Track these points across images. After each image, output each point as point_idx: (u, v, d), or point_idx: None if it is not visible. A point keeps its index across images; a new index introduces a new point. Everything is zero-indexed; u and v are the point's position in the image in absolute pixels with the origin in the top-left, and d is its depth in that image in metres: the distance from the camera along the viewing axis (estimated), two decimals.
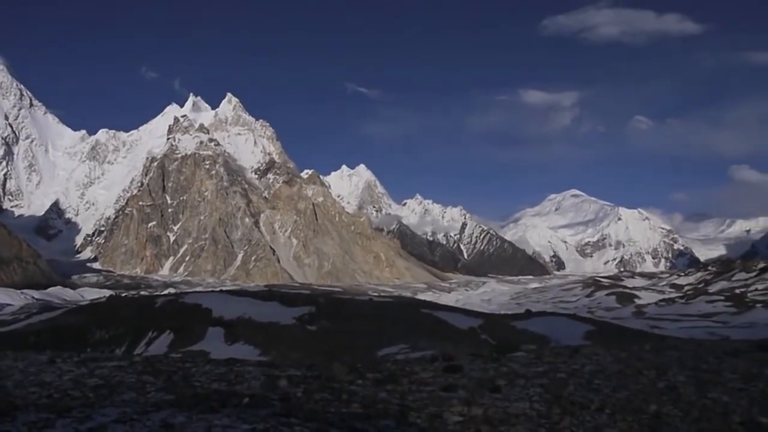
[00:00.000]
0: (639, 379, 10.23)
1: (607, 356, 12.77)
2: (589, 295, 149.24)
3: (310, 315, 44.35)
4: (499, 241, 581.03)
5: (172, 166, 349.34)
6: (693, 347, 14.90)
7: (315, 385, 9.18)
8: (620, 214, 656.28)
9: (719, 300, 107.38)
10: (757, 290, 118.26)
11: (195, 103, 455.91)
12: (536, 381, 9.80)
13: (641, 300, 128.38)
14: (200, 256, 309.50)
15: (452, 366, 10.92)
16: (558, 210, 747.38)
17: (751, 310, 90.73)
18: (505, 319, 51.52)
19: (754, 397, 9.14)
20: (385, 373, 10.22)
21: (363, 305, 56.58)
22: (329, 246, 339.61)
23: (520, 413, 7.73)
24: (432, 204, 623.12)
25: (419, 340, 35.90)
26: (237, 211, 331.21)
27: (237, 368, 10.85)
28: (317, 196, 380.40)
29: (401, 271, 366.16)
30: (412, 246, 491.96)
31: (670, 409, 8.29)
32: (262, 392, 8.54)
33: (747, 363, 11.99)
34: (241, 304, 48.40)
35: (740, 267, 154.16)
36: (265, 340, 37.97)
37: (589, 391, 9.20)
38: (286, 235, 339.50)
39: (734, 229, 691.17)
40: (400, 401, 8.22)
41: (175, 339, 41.51)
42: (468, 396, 8.59)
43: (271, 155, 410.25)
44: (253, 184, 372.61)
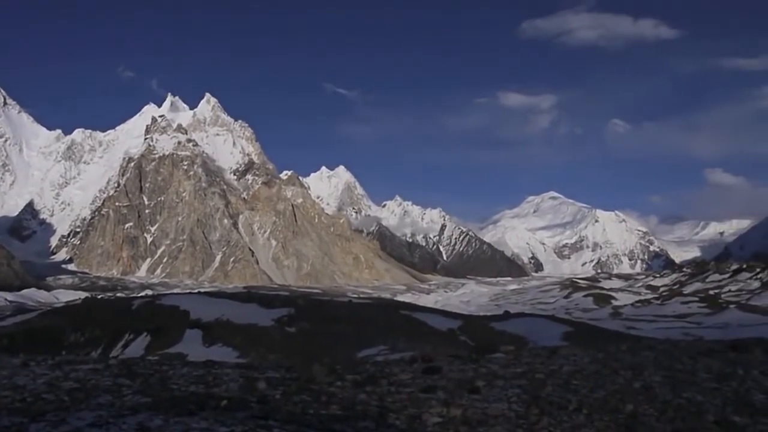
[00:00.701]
0: (616, 379, 10.34)
1: (584, 357, 12.89)
2: (566, 296, 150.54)
3: (289, 317, 44.17)
4: (478, 242, 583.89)
5: (149, 167, 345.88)
6: (668, 348, 15.10)
7: (294, 387, 9.14)
8: (597, 216, 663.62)
9: (694, 301, 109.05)
10: (731, 291, 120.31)
11: (173, 103, 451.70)
12: (515, 382, 9.86)
13: (618, 301, 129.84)
14: (178, 258, 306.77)
15: (431, 367, 10.94)
16: (536, 212, 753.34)
17: (725, 311, 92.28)
18: (484, 321, 51.78)
19: (728, 397, 9.29)
20: (364, 375, 10.21)
21: (342, 307, 56.51)
22: (308, 247, 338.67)
23: (499, 414, 7.77)
24: (411, 205, 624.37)
25: (398, 341, 35.96)
26: (215, 212, 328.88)
27: (215, 370, 10.77)
28: (296, 198, 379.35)
29: (380, 273, 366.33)
30: (392, 247, 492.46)
31: (645, 408, 8.39)
32: (241, 395, 8.48)
33: (720, 363, 12.19)
34: (220, 306, 48.04)
35: (714, 269, 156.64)
36: (243, 342, 37.74)
37: (566, 391, 9.28)
38: (265, 237, 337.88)
39: (708, 232, 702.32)
40: (379, 403, 8.21)
41: (152, 341, 41.08)
42: (447, 397, 8.62)
43: (250, 156, 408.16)
44: (231, 185, 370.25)
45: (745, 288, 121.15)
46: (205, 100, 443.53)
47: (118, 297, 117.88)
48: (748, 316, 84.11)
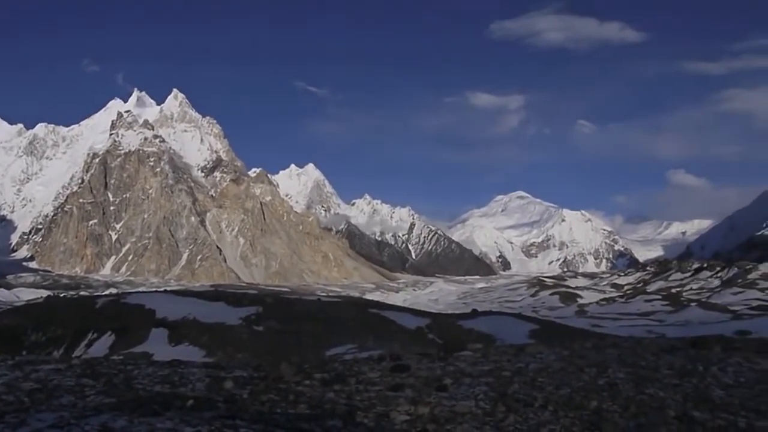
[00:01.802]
0: (581, 376, 10.50)
1: (550, 354, 13.05)
2: (533, 294, 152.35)
3: (257, 315, 43.83)
4: (447, 241, 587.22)
5: (114, 163, 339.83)
6: (632, 345, 15.38)
7: (261, 386, 9.08)
8: (564, 215, 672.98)
9: (656, 299, 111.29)
10: (692, 290, 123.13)
11: (139, 98, 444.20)
12: (482, 379, 9.94)
13: (583, 299, 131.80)
14: (144, 256, 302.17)
15: (400, 365, 10.97)
16: (504, 211, 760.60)
17: (686, 309, 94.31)
18: (452, 319, 52.05)
19: (688, 393, 9.51)
20: (332, 374, 10.20)
21: (311, 305, 56.25)
22: (277, 245, 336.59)
23: (466, 411, 7.82)
24: (381, 204, 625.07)
25: (367, 340, 35.96)
26: (182, 210, 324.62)
27: (181, 370, 10.64)
28: (265, 195, 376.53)
29: (349, 271, 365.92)
30: (361, 246, 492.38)
31: (609, 404, 8.54)
32: (207, 394, 8.39)
33: (682, 360, 12.46)
34: (186, 305, 47.43)
35: (676, 267, 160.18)
36: (210, 341, 37.34)
37: (533, 388, 9.39)
38: (233, 235, 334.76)
39: (671, 231, 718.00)
40: (347, 401, 8.21)
41: (116, 341, 40.36)
42: (415, 395, 8.65)
43: (218, 153, 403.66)
44: (199, 182, 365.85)
45: (705, 286, 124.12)
46: (172, 95, 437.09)
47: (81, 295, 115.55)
48: (708, 313, 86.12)
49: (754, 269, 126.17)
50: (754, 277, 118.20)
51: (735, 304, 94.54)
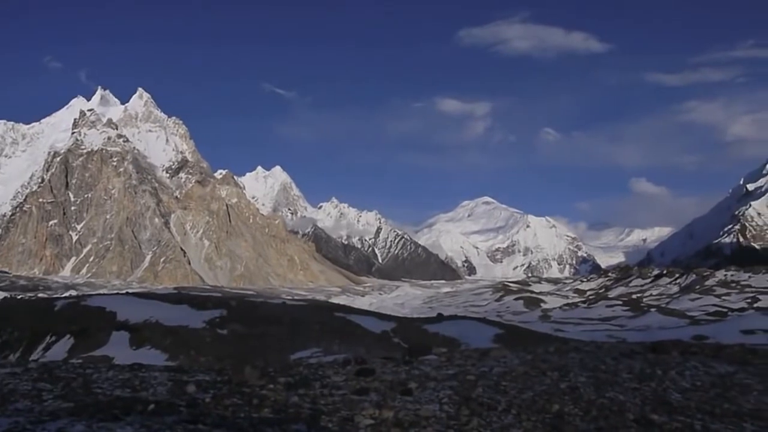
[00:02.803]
0: (543, 380, 10.63)
1: (514, 358, 13.18)
2: (498, 299, 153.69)
3: (221, 318, 43.36)
4: (413, 245, 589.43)
5: (76, 162, 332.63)
6: (593, 349, 15.61)
7: (225, 390, 8.98)
8: (529, 221, 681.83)
9: (618, 305, 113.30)
10: (652, 295, 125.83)
11: (103, 96, 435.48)
12: (446, 383, 9.99)
13: (547, 304, 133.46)
14: (105, 257, 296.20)
15: (364, 369, 10.96)
16: (471, 216, 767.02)
17: (646, 314, 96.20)
18: (418, 323, 52.21)
19: (647, 396, 9.71)
20: (297, 377, 10.14)
21: (276, 308, 55.89)
22: (242, 248, 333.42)
23: (431, 415, 7.86)
24: (348, 208, 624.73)
25: (332, 343, 35.88)
26: (146, 211, 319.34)
27: (142, 374, 10.46)
28: (231, 197, 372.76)
29: (315, 275, 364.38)
30: (327, 249, 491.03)
31: (571, 408, 8.66)
32: (169, 398, 8.26)
33: (641, 364, 12.71)
34: (149, 307, 46.66)
35: (637, 273, 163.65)
36: (173, 344, 36.80)
37: (496, 392, 9.47)
38: (198, 237, 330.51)
39: (632, 238, 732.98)
40: (311, 405, 8.17)
41: (75, 344, 39.49)
42: (380, 399, 8.66)
43: (184, 154, 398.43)
44: (163, 183, 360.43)
45: (665, 292, 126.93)
46: (137, 95, 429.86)
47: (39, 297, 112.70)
48: (667, 319, 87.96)
49: (711, 276, 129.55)
50: (710, 284, 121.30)
51: (693, 310, 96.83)
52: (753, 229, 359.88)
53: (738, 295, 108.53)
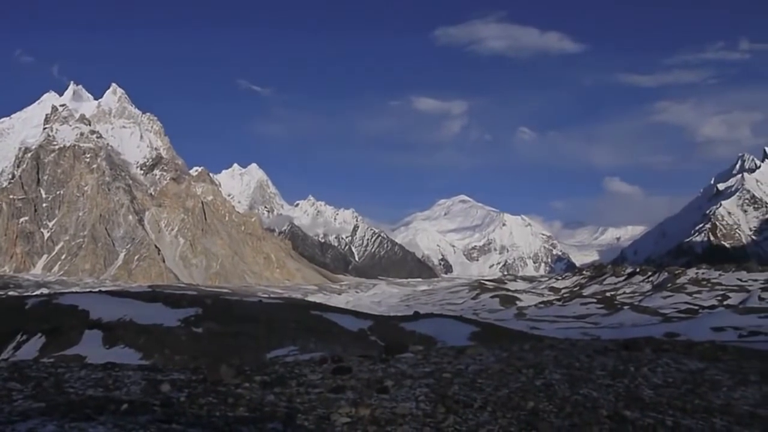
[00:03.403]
0: (518, 377, 10.72)
1: (489, 356, 13.27)
2: (474, 297, 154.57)
3: (196, 316, 43.00)
4: (390, 243, 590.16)
5: (48, 158, 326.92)
6: (568, 346, 15.79)
7: (200, 389, 8.90)
8: (505, 220, 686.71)
9: (592, 302, 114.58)
10: (625, 293, 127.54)
11: (76, 91, 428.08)
12: (423, 381, 10.03)
13: (522, 302, 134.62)
14: (78, 255, 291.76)
15: (341, 367, 10.95)
16: (447, 215, 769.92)
17: (620, 312, 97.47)
18: (394, 321, 52.31)
19: (620, 393, 9.85)
20: (273, 376, 10.09)
21: (252, 307, 55.60)
22: (218, 246, 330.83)
23: (407, 413, 7.88)
24: (324, 206, 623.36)
25: (309, 341, 35.79)
26: (120, 208, 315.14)
27: (115, 373, 10.33)
28: (206, 195, 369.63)
29: (292, 273, 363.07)
30: (304, 247, 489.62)
31: (545, 405, 8.75)
32: (143, 398, 8.17)
33: (614, 361, 12.89)
34: (122, 306, 46.11)
35: (611, 272, 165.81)
36: (147, 343, 36.40)
37: (472, 390, 9.53)
38: (173, 234, 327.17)
39: (606, 237, 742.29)
40: (287, 404, 8.14)
41: (47, 343, 38.85)
42: (356, 397, 8.66)
43: (159, 151, 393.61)
44: (138, 180, 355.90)
45: (638, 290, 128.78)
46: (110, 90, 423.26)
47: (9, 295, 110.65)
48: (640, 316, 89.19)
49: (682, 274, 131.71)
50: (682, 282, 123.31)
51: (665, 308, 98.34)
52: (723, 228, 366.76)
53: (709, 292, 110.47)
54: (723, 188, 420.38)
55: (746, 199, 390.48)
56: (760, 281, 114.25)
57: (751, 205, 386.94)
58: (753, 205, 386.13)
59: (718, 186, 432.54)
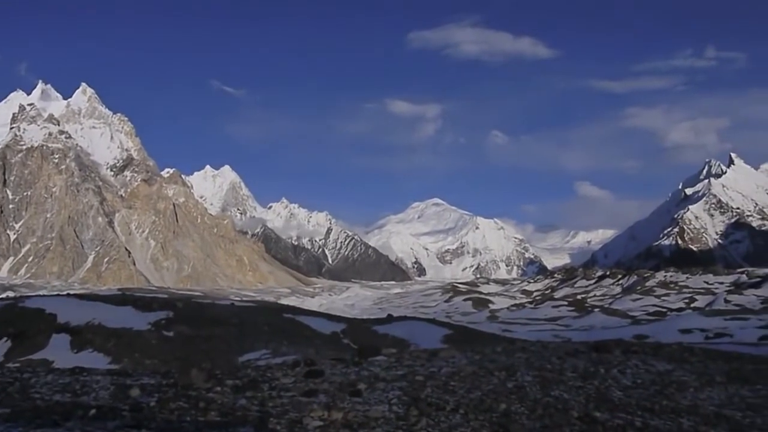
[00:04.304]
0: (491, 379, 10.79)
1: (462, 359, 13.34)
2: (447, 300, 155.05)
3: (167, 320, 42.42)
4: (364, 246, 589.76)
5: (15, 158, 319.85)
6: (539, 349, 15.94)
7: (170, 393, 8.79)
8: (478, 223, 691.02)
9: (563, 305, 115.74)
10: (596, 296, 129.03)
11: (44, 91, 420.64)
12: (395, 384, 10.03)
13: (495, 305, 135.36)
14: (45, 257, 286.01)
15: (314, 371, 10.91)
16: (421, 218, 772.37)
17: (590, 314, 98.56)
18: (368, 324, 52.23)
19: (590, 394, 9.97)
20: (245, 380, 10.02)
21: (224, 310, 55.02)
22: (190, 248, 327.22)
23: (380, 416, 7.87)
24: (298, 208, 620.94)
25: (281, 345, 35.55)
26: (89, 210, 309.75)
27: (83, 378, 10.15)
28: (178, 197, 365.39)
29: (265, 276, 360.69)
30: (277, 250, 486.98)
31: (517, 407, 8.82)
32: (112, 403, 8.04)
33: (585, 363, 13.04)
34: (91, 309, 45.27)
35: (582, 275, 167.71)
36: (116, 347, 35.81)
37: (445, 392, 9.56)
38: (144, 236, 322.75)
39: (577, 240, 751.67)
40: (259, 408, 8.09)
41: (12, 347, 37.97)
42: (329, 400, 8.63)
43: (129, 152, 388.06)
44: (108, 181, 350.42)
45: (608, 293, 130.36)
46: (80, 90, 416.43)
47: None
48: (610, 319, 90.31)
49: (651, 277, 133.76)
50: (651, 285, 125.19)
51: (634, 310, 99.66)
52: (691, 232, 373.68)
53: (676, 295, 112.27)
54: (690, 193, 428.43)
55: (713, 203, 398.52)
56: (726, 284, 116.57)
57: (718, 209, 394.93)
58: (719, 210, 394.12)
59: (685, 191, 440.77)
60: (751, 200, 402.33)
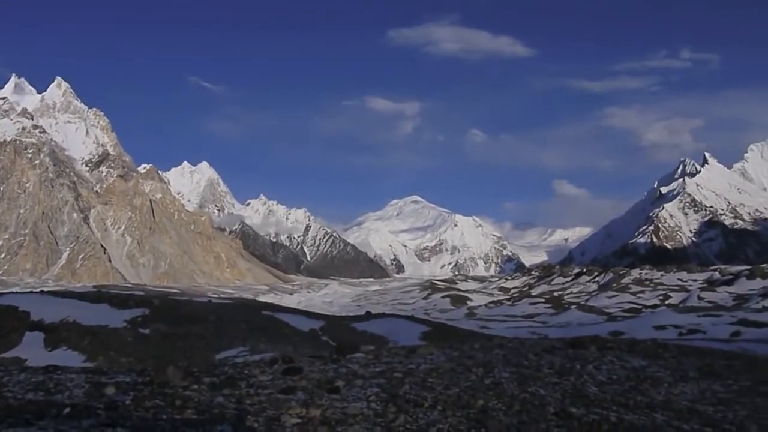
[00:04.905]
0: (468, 376, 10.84)
1: (440, 355, 13.39)
2: (426, 297, 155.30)
3: (144, 317, 41.99)
4: (342, 243, 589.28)
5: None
6: (517, 345, 16.05)
7: (146, 391, 8.70)
8: (456, 220, 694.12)
9: (540, 302, 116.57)
10: (572, 293, 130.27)
11: (18, 84, 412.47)
12: (374, 381, 10.04)
13: (473, 302, 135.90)
14: (18, 254, 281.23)
15: (292, 368, 10.88)
16: (399, 215, 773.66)
17: (567, 311, 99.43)
18: (346, 321, 52.19)
19: (566, 390, 10.07)
20: (222, 377, 9.95)
21: (201, 307, 54.63)
22: (167, 245, 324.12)
23: (358, 413, 7.87)
24: (276, 205, 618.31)
25: (259, 342, 35.41)
26: (64, 206, 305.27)
27: (57, 376, 10.01)
28: (155, 193, 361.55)
29: (243, 273, 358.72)
30: (255, 247, 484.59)
31: (495, 403, 8.88)
32: (86, 401, 7.93)
33: (561, 359, 13.17)
34: (65, 306, 44.65)
35: (558, 272, 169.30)
36: (91, 344, 35.37)
37: (423, 389, 9.59)
38: (120, 233, 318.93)
39: (555, 238, 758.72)
40: (237, 405, 8.04)
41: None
42: (307, 398, 8.61)
43: (105, 147, 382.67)
44: (83, 176, 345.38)
45: (584, 290, 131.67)
46: (55, 84, 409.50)
47: None
48: (586, 315, 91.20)
49: (626, 274, 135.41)
50: (626, 282, 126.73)
51: (610, 307, 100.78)
52: (665, 230, 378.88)
53: (651, 292, 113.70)
54: (665, 192, 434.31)
55: (687, 202, 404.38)
56: (700, 281, 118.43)
57: (692, 208, 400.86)
58: (693, 209, 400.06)
59: (661, 189, 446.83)
60: (724, 199, 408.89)
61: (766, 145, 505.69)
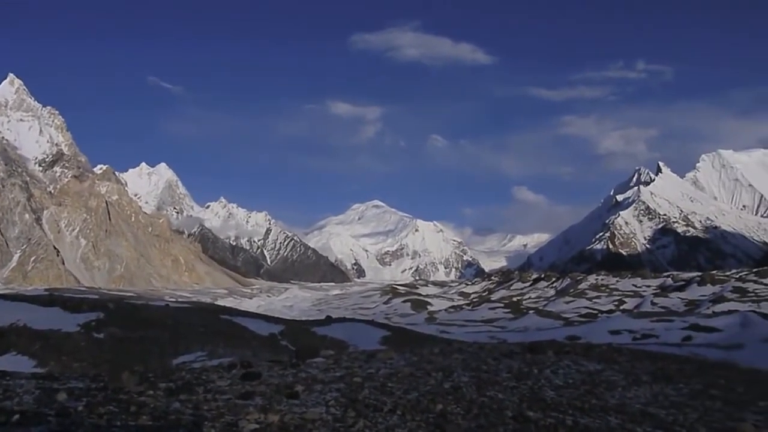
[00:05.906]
0: (428, 380, 10.90)
1: (400, 360, 13.42)
2: (386, 302, 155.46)
3: (98, 321, 41.00)
4: (303, 247, 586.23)
5: None
6: (476, 350, 16.19)
7: (100, 397, 8.50)
8: (418, 225, 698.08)
9: (500, 307, 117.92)
10: (530, 298, 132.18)
11: None
12: (333, 385, 10.01)
13: (433, 307, 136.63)
14: None
15: (250, 373, 10.77)
16: (361, 219, 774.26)
17: (525, 316, 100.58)
18: (306, 325, 51.88)
19: (524, 394, 10.21)
20: (179, 383, 9.78)
21: (158, 311, 53.62)
22: (123, 248, 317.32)
23: (317, 418, 7.84)
24: (236, 208, 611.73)
25: (218, 347, 34.93)
26: (15, 206, 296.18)
27: (6, 381, 9.70)
28: (111, 194, 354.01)
29: (201, 276, 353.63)
30: (214, 250, 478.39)
31: (453, 407, 8.94)
32: (36, 408, 7.71)
33: (519, 363, 13.34)
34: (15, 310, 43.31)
35: (517, 277, 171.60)
36: (42, 349, 34.37)
37: (382, 393, 9.60)
38: (74, 235, 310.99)
39: (514, 243, 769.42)
40: (194, 411, 7.92)
41: None
42: (265, 403, 8.54)
43: (60, 146, 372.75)
44: (36, 176, 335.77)
45: (542, 295, 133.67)
46: (7, 80, 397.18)
47: None
48: (544, 320, 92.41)
49: (583, 280, 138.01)
50: (583, 287, 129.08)
51: (567, 312, 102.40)
52: (621, 237, 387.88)
53: (607, 298, 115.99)
54: (621, 199, 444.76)
55: (642, 210, 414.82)
56: (653, 287, 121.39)
57: (646, 215, 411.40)
58: (647, 216, 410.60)
59: (616, 197, 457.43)
60: (677, 207, 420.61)
61: (717, 156, 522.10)
